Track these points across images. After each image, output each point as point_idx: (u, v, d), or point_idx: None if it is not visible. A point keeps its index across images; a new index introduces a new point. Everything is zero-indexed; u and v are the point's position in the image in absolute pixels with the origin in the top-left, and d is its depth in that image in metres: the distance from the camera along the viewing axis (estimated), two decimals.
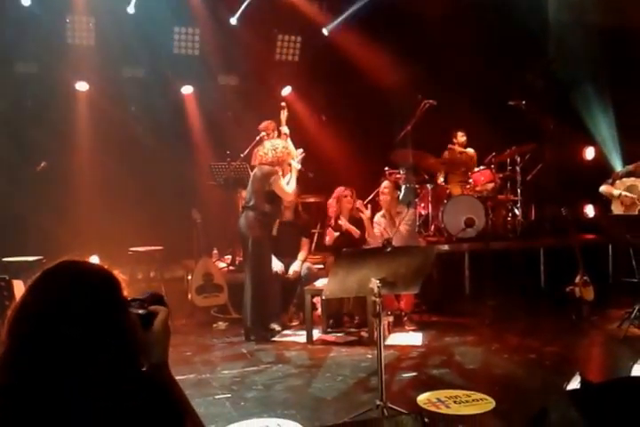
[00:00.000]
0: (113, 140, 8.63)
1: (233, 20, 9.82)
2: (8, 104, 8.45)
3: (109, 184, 8.63)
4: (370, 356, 5.66)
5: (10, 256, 6.36)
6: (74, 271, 1.47)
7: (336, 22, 10.19)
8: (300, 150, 7.12)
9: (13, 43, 8.32)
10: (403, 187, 8.71)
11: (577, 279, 6.99)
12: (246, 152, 7.97)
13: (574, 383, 2.87)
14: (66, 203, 8.30)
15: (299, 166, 6.85)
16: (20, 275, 5.36)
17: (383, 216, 7.23)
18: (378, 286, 3.96)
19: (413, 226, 7.41)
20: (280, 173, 6.60)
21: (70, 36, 9.01)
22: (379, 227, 7.16)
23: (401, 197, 8.80)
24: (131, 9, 9.16)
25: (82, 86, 9.13)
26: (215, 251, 8.27)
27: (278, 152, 6.58)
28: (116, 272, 1.51)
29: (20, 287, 3.24)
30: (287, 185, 6.57)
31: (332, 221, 7.32)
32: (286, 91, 9.96)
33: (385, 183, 7.34)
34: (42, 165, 7.82)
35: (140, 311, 1.56)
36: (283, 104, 8.21)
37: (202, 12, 9.53)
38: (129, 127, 8.87)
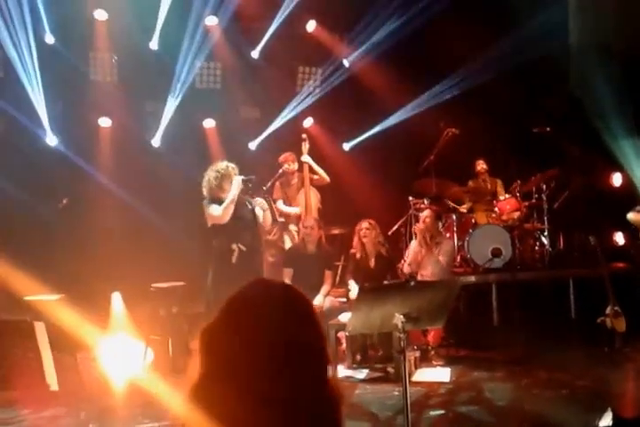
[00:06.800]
0: (135, 176, 8.68)
1: (254, 54, 9.90)
2: (31, 141, 8.56)
3: (131, 220, 8.65)
4: (396, 393, 5.51)
5: (30, 294, 6.33)
6: (286, 295, 1.49)
7: (357, 53, 10.22)
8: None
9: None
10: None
11: (608, 310, 6.78)
12: (269, 185, 7.95)
13: (606, 420, 2.73)
14: (87, 239, 8.32)
15: (238, 182, 5.98)
16: (40, 316, 5.35)
17: (419, 245, 7.19)
18: (402, 322, 3.85)
19: (451, 257, 7.37)
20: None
21: (93, 72, 9.15)
22: (414, 255, 7.14)
23: None
24: (153, 45, 9.29)
25: (105, 122, 9.22)
26: None
27: (206, 183, 6.01)
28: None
29: (41, 329, 3.19)
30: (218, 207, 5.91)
31: (357, 255, 7.21)
32: (308, 122, 9.98)
33: (426, 212, 7.35)
34: (64, 201, 7.86)
35: None
36: (304, 136, 8.24)
37: (223, 46, 9.64)
38: (151, 162, 8.92)
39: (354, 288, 6.93)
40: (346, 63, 10.34)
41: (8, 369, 3.14)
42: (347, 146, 10.51)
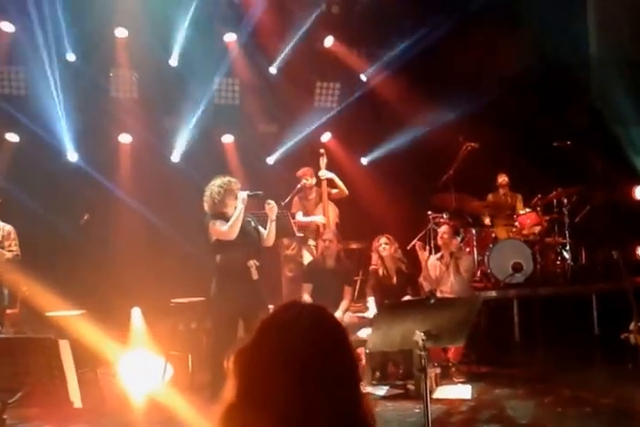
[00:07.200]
0: (155, 192, 8.72)
1: (272, 69, 9.96)
2: (52, 157, 8.65)
3: (151, 236, 8.67)
4: (417, 410, 5.44)
5: (52, 310, 6.38)
6: (319, 318, 1.51)
7: (374, 68, 10.25)
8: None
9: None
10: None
11: (632, 326, 6.66)
12: (287, 200, 7.94)
13: None
14: (108, 255, 8.37)
15: (243, 197, 5.81)
16: (62, 332, 5.37)
17: (439, 259, 7.15)
18: (422, 339, 3.81)
19: (471, 272, 7.35)
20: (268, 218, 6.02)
21: (114, 89, 9.24)
22: (434, 270, 7.09)
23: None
24: (173, 61, 9.38)
25: (125, 138, 9.29)
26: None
27: (208, 199, 5.82)
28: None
29: (65, 347, 3.20)
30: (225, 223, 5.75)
31: (380, 272, 7.19)
32: (326, 137, 9.99)
33: (443, 228, 7.30)
34: (85, 217, 7.91)
35: None
36: (322, 151, 8.24)
37: (242, 62, 9.70)
38: (171, 178, 8.96)
39: (372, 307, 6.90)
40: (363, 78, 10.36)
41: (32, 387, 3.14)
42: (365, 160, 10.50)
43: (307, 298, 6.92)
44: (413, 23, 9.71)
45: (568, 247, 9.08)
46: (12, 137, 8.84)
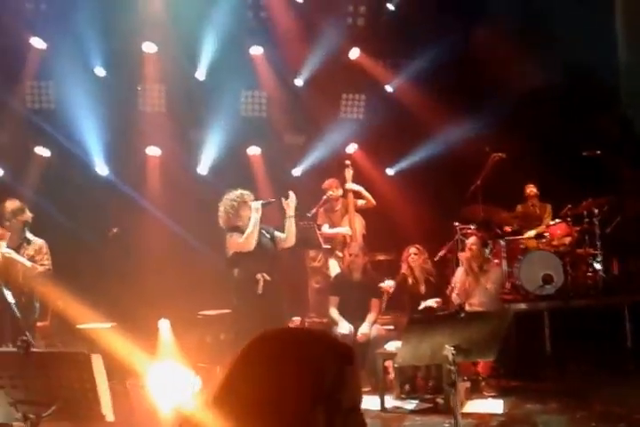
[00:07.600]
0: (183, 204, 8.77)
1: (298, 81, 10.00)
2: (82, 170, 8.75)
3: (179, 248, 8.71)
4: (446, 425, 5.40)
5: (82, 322, 6.42)
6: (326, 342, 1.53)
7: (400, 79, 10.24)
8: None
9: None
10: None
11: None
12: (313, 211, 7.94)
13: None
14: (136, 267, 8.41)
15: (257, 207, 5.92)
16: (93, 344, 5.40)
17: (466, 273, 7.10)
18: (452, 354, 3.77)
19: (500, 284, 7.28)
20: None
21: (142, 102, 9.34)
22: (461, 284, 7.05)
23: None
24: (200, 75, 9.47)
25: (153, 151, 9.37)
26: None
27: (223, 213, 5.97)
28: None
29: (98, 361, 3.21)
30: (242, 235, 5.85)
31: (409, 280, 7.18)
32: (352, 148, 9.98)
33: (472, 239, 7.26)
34: (114, 230, 7.97)
35: None
36: (347, 162, 8.25)
37: (268, 74, 9.76)
38: (198, 190, 9.01)
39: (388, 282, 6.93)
40: (389, 89, 10.36)
41: (64, 400, 3.16)
42: (391, 171, 10.47)
43: (333, 311, 6.92)
44: (439, 34, 9.68)
45: (599, 258, 8.91)
46: (42, 151, 8.94)
